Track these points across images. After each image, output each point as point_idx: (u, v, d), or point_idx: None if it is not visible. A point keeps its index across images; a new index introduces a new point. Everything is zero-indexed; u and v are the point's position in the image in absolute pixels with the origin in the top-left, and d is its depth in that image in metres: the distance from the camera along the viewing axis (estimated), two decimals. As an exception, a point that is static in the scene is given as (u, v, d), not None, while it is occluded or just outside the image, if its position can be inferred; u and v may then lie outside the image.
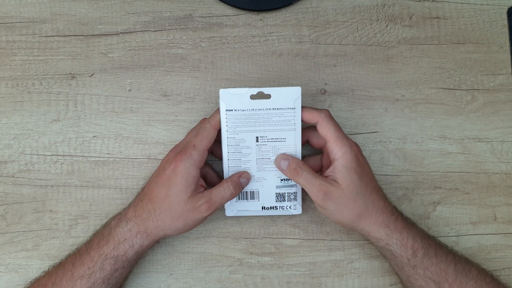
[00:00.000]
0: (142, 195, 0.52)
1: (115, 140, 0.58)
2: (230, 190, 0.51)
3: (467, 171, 0.59)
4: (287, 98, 0.52)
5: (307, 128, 0.54)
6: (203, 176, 0.54)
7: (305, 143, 0.55)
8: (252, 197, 0.54)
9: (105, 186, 0.58)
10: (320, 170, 0.55)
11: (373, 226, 0.50)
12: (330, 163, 0.51)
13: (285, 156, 0.52)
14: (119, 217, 0.52)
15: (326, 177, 0.50)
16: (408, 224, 0.52)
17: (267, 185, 0.54)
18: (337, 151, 0.50)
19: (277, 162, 0.53)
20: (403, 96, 0.59)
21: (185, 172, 0.49)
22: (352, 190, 0.49)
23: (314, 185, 0.50)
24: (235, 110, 0.52)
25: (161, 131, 0.58)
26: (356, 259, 0.58)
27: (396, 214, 0.52)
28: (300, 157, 0.53)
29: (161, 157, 0.58)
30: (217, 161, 0.57)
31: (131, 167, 0.58)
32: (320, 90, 0.59)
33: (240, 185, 0.53)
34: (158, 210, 0.50)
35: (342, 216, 0.50)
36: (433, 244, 0.51)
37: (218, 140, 0.54)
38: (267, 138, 0.53)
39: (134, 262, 0.52)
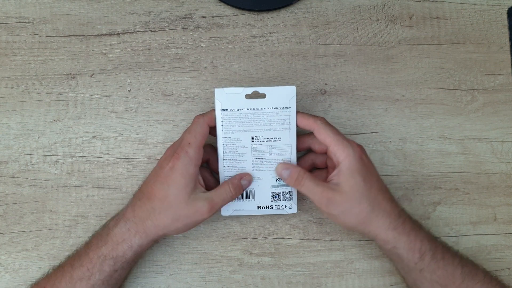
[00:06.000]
0: (140, 195, 0.51)
1: (115, 140, 0.58)
2: (230, 192, 0.51)
3: (467, 171, 0.59)
4: (282, 97, 0.52)
5: (308, 135, 0.54)
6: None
7: (307, 149, 0.55)
8: (248, 197, 0.54)
9: (105, 186, 0.58)
10: (325, 167, 0.55)
11: (380, 229, 0.50)
12: (334, 165, 0.51)
13: (285, 166, 0.52)
14: (117, 217, 0.51)
15: (330, 181, 0.50)
16: (415, 226, 0.51)
17: (263, 184, 0.54)
18: (340, 154, 0.50)
19: (278, 172, 0.53)
20: (403, 96, 0.59)
21: (183, 170, 0.49)
22: (356, 193, 0.49)
23: (316, 193, 0.50)
24: (230, 109, 0.52)
25: (161, 131, 0.58)
26: (356, 259, 0.58)
27: (404, 216, 0.51)
28: (295, 156, 0.53)
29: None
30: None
31: (131, 167, 0.58)
32: (320, 90, 0.59)
33: (241, 187, 0.53)
34: (157, 209, 0.50)
35: (348, 220, 0.50)
36: (440, 247, 0.51)
37: (214, 151, 0.54)
38: (263, 137, 0.53)
39: (133, 263, 0.52)
